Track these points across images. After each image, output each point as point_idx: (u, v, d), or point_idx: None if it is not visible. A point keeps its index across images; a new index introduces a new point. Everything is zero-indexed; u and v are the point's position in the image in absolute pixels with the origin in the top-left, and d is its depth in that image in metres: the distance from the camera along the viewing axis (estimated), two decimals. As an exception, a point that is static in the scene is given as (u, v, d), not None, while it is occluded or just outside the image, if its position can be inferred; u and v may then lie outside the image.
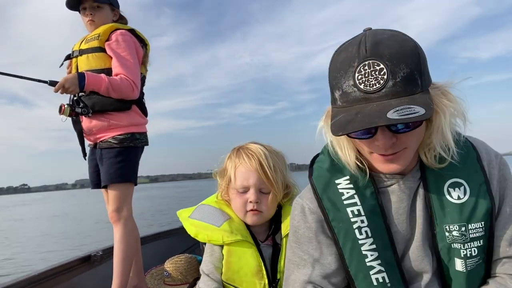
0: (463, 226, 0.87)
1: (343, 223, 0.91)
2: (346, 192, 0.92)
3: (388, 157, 0.84)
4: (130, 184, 2.06)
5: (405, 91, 0.76)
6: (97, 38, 2.02)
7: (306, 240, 0.96)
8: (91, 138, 2.09)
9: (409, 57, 0.77)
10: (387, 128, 0.80)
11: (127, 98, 2.00)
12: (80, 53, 2.06)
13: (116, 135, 2.00)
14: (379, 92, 0.76)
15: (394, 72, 0.76)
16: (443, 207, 0.89)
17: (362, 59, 0.78)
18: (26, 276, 1.88)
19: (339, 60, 0.83)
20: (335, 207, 0.92)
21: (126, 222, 2.01)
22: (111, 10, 2.16)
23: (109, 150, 2.00)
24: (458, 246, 0.88)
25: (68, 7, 2.12)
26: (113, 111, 2.00)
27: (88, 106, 1.96)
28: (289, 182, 1.28)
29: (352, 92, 0.79)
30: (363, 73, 0.77)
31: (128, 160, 2.03)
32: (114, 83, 1.92)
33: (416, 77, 0.77)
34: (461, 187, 0.89)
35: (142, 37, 2.17)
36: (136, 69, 2.04)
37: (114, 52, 1.99)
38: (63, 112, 1.94)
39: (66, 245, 9.66)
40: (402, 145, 0.82)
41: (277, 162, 1.22)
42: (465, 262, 0.88)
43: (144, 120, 2.15)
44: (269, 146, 1.27)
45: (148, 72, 2.26)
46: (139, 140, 2.08)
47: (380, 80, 0.76)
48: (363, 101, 0.78)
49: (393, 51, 0.77)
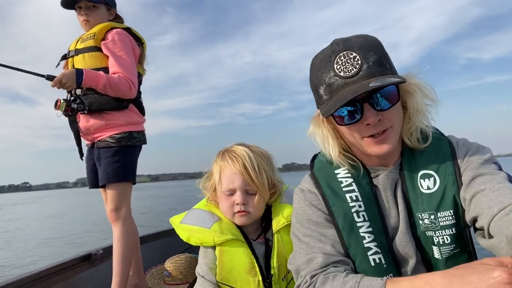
0: (432, 214, 0.94)
1: (343, 207, 0.97)
2: (344, 181, 1.01)
3: (379, 138, 0.92)
4: (128, 183, 2.05)
5: (379, 72, 0.88)
6: (93, 38, 2.01)
7: (306, 218, 1.01)
8: (88, 137, 2.08)
9: (375, 47, 0.91)
10: (372, 107, 0.89)
11: (125, 96, 1.99)
12: (76, 53, 2.05)
13: (114, 134, 1.99)
14: (357, 75, 0.88)
15: (366, 58, 0.88)
16: (416, 196, 0.96)
17: (337, 53, 0.90)
18: (27, 274, 1.89)
19: (318, 62, 0.95)
20: (335, 193, 0.99)
21: (125, 221, 2.01)
22: (107, 10, 2.15)
23: (106, 150, 1.99)
24: (431, 234, 0.95)
25: (63, 6, 2.12)
26: (110, 110, 1.99)
27: (85, 103, 1.95)
28: (276, 181, 1.29)
29: (334, 81, 0.90)
30: (340, 63, 0.89)
31: (126, 159, 2.02)
32: (111, 81, 1.91)
33: (385, 63, 0.90)
34: (431, 178, 0.96)
35: (138, 35, 2.15)
36: (133, 68, 2.03)
37: (110, 52, 1.98)
38: (59, 107, 1.93)
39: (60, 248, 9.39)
40: (388, 123, 0.91)
41: (261, 163, 1.23)
42: (439, 250, 0.94)
43: (142, 119, 2.14)
44: (254, 147, 1.28)
45: (150, 71, 2.26)
46: (137, 139, 2.07)
47: (356, 65, 0.88)
48: (346, 86, 0.89)
49: (361, 43, 0.90)
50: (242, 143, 1.29)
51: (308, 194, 1.03)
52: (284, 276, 1.21)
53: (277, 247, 1.21)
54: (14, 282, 1.77)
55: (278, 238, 1.22)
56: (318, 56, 0.96)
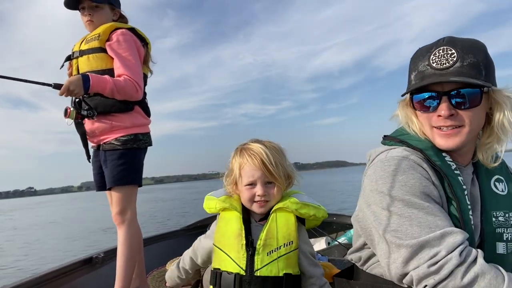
0: (507, 213, 1.02)
1: (460, 188, 0.99)
2: (452, 164, 1.02)
3: (447, 132, 0.98)
4: (134, 186, 2.04)
5: (469, 74, 0.93)
6: (97, 38, 1.98)
7: (420, 191, 0.94)
8: (94, 140, 2.07)
9: (478, 51, 0.95)
10: (449, 101, 0.95)
11: (131, 99, 1.98)
12: (80, 54, 2.03)
13: (119, 136, 1.98)
14: (447, 70, 0.94)
15: (463, 58, 0.94)
16: (492, 196, 1.04)
17: (439, 46, 0.97)
18: (29, 278, 1.88)
19: (419, 51, 1.02)
20: (452, 174, 1.00)
21: (130, 224, 2.00)
22: (111, 10, 2.12)
23: (112, 152, 1.98)
24: (502, 230, 1.00)
25: (66, 7, 2.10)
26: (116, 112, 1.97)
27: (93, 109, 1.94)
28: (290, 172, 1.39)
29: (425, 70, 0.98)
30: (438, 55, 0.96)
31: (132, 162, 2.01)
32: (118, 85, 1.90)
33: (481, 68, 0.94)
34: (502, 183, 1.07)
35: (143, 35, 2.13)
36: (138, 69, 2.01)
37: (115, 53, 1.96)
38: (69, 115, 1.91)
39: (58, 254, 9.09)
40: (461, 121, 0.96)
41: (277, 157, 1.33)
42: (506, 245, 1.00)
43: (147, 121, 2.13)
44: (268, 143, 1.37)
45: (153, 73, 2.23)
46: (142, 141, 2.06)
47: (450, 61, 0.94)
48: (433, 76, 0.96)
49: (465, 44, 0.96)
50: (257, 140, 1.38)
51: (416, 166, 0.97)
52: (270, 252, 1.25)
53: (270, 224, 1.29)
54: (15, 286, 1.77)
55: (273, 217, 1.30)
56: (422, 47, 1.02)
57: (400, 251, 0.90)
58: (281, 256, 1.24)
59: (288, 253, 1.25)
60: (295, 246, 1.26)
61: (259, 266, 1.24)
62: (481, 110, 0.97)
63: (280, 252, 1.24)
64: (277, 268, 1.23)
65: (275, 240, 1.25)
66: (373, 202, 0.98)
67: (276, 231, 1.27)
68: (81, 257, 2.32)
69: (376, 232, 0.99)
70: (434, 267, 0.84)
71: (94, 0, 2.03)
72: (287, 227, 1.28)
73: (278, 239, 1.26)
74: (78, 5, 2.08)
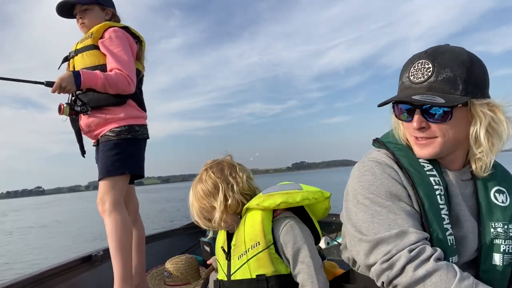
0: (505, 224, 1.03)
1: (428, 188, 1.00)
2: (426, 165, 1.04)
3: (421, 142, 1.02)
4: (121, 177, 2.00)
5: (441, 89, 0.95)
6: (91, 37, 2.04)
7: (385, 190, 1.00)
8: (92, 135, 2.09)
9: (457, 66, 0.95)
10: (421, 114, 0.98)
11: (124, 92, 1.99)
12: (76, 53, 2.08)
13: (114, 128, 2.00)
14: (421, 84, 0.98)
15: (438, 73, 0.96)
16: (491, 207, 1.04)
17: (420, 58, 1.00)
18: (27, 275, 1.88)
19: (410, 59, 1.05)
20: (420, 174, 1.02)
21: (111, 213, 1.94)
22: (102, 10, 2.16)
23: (106, 143, 2.00)
24: (499, 242, 1.02)
25: (61, 16, 2.16)
26: (109, 105, 2.00)
27: (87, 104, 1.96)
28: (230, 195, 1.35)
29: (405, 81, 1.02)
30: (416, 68, 0.99)
31: (126, 152, 2.00)
32: (109, 79, 1.92)
33: (458, 82, 0.95)
34: (503, 194, 1.07)
35: (136, 33, 2.17)
36: (130, 63, 2.03)
37: (107, 49, 2.00)
38: (63, 111, 1.94)
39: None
40: (433, 133, 0.99)
41: (199, 200, 1.35)
42: (502, 257, 1.02)
43: (142, 114, 2.13)
44: (198, 182, 1.37)
45: (158, 74, 2.45)
46: (139, 132, 2.05)
47: (425, 76, 0.97)
48: (408, 89, 1.00)
49: (444, 58, 0.97)
50: (202, 171, 1.38)
51: (386, 167, 1.03)
52: (240, 256, 1.26)
53: (239, 228, 1.30)
54: (14, 284, 1.77)
55: (242, 221, 1.30)
56: (413, 55, 1.05)
57: (361, 245, 0.98)
58: (250, 259, 1.23)
59: (256, 255, 1.22)
60: (263, 246, 1.22)
61: (233, 271, 1.27)
62: (457, 123, 0.98)
63: (248, 255, 1.24)
64: (248, 270, 1.23)
65: (243, 244, 1.25)
66: (348, 199, 1.08)
67: (243, 234, 1.26)
68: (80, 255, 2.32)
69: (345, 226, 1.08)
70: (386, 264, 0.91)
71: (82, 3, 2.09)
72: (253, 228, 1.24)
73: (245, 242, 1.25)
74: (72, 12, 2.14)
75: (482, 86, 0.99)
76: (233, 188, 1.32)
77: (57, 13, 2.14)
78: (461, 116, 0.98)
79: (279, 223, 1.24)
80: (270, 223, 1.24)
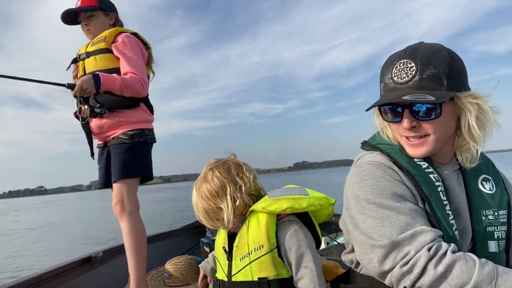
0: (496, 211, 1.05)
1: (431, 185, 1.00)
2: (423, 164, 1.04)
3: (413, 142, 1.02)
4: (136, 179, 2.10)
5: (428, 87, 0.95)
6: (104, 40, 2.09)
7: (390, 192, 0.98)
8: (101, 136, 2.13)
9: (439, 62, 0.96)
10: (411, 114, 0.98)
11: (138, 95, 2.07)
12: (87, 56, 2.12)
13: (127, 131, 2.07)
14: (407, 84, 0.97)
15: (422, 71, 0.96)
16: (480, 195, 1.07)
17: (400, 59, 0.99)
18: (27, 277, 1.88)
19: (388, 60, 1.05)
20: (420, 173, 1.02)
21: (131, 215, 2.05)
22: (105, 15, 2.20)
23: (120, 146, 2.06)
24: (493, 229, 1.04)
25: (66, 24, 2.20)
26: (123, 108, 2.07)
27: (105, 107, 2.02)
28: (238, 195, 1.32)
29: (389, 83, 1.01)
30: (398, 69, 0.99)
31: (139, 155, 2.09)
32: (126, 82, 1.99)
33: (442, 78, 0.96)
34: (489, 182, 1.10)
35: (144, 40, 2.23)
36: (143, 67, 2.12)
37: (121, 53, 2.06)
38: (83, 113, 1.99)
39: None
40: (425, 131, 0.99)
41: (206, 201, 1.30)
42: (498, 244, 1.03)
43: (151, 118, 2.22)
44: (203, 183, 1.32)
45: (160, 74, 2.34)
46: (149, 136, 2.14)
47: (409, 75, 0.97)
48: (394, 90, 0.99)
49: (426, 55, 0.97)
50: (207, 170, 1.33)
51: (386, 169, 1.02)
52: (242, 257, 1.25)
53: (242, 229, 1.28)
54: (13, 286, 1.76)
55: (246, 222, 1.29)
56: (391, 55, 1.05)
57: (375, 252, 0.93)
58: (253, 261, 1.23)
59: (259, 258, 1.22)
60: (266, 249, 1.21)
61: (235, 272, 1.27)
62: (446, 118, 0.99)
63: (250, 258, 1.23)
64: (250, 273, 1.23)
65: (246, 246, 1.24)
66: (350, 207, 1.04)
67: (247, 236, 1.26)
68: (80, 256, 2.31)
69: (353, 235, 1.03)
70: (406, 267, 0.88)
71: (86, 10, 2.14)
72: (258, 231, 1.24)
73: (248, 244, 1.24)
74: (77, 19, 2.18)
75: (463, 79, 1.00)
76: (241, 189, 1.29)
77: (62, 22, 2.18)
78: (448, 111, 0.99)
79: (283, 227, 1.25)
80: (274, 227, 1.24)
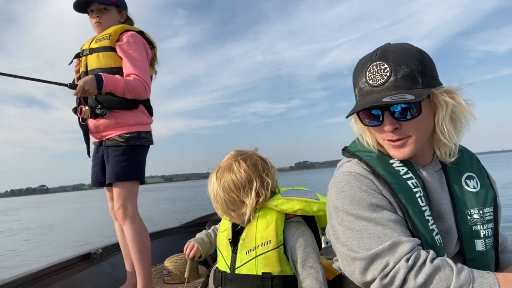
0: (481, 209, 1.04)
1: (408, 193, 1.00)
2: (401, 169, 1.04)
3: (396, 143, 1.00)
4: (135, 182, 2.09)
5: (405, 86, 0.94)
6: (108, 38, 2.05)
7: (367, 203, 0.98)
8: (97, 135, 2.11)
9: (410, 60, 0.95)
10: (392, 116, 0.97)
11: (140, 98, 2.04)
12: (90, 52, 2.08)
13: (123, 133, 2.03)
14: (383, 86, 0.96)
15: (396, 70, 0.95)
16: (463, 195, 1.06)
17: (372, 61, 0.98)
18: (26, 273, 1.87)
19: (358, 65, 1.04)
20: (397, 180, 1.01)
21: (133, 218, 2.05)
22: (118, 12, 2.18)
23: (115, 149, 2.03)
24: (479, 228, 1.03)
25: (75, 10, 2.17)
26: (121, 109, 2.03)
27: (105, 108, 2.00)
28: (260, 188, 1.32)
29: (364, 87, 0.99)
30: (372, 72, 0.98)
31: (134, 159, 2.06)
32: (129, 84, 1.96)
33: (417, 76, 0.95)
34: (473, 179, 1.09)
35: (150, 39, 2.20)
36: (147, 69, 2.08)
37: (125, 53, 2.02)
38: (84, 114, 1.98)
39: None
40: (406, 133, 0.99)
41: (228, 193, 1.29)
42: (484, 242, 1.03)
43: (150, 120, 2.18)
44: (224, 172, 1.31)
45: (162, 73, 2.33)
46: (145, 139, 2.11)
47: (384, 77, 0.96)
48: (371, 93, 0.97)
49: (397, 55, 0.96)
50: (227, 161, 1.32)
51: (362, 179, 1.02)
52: (248, 251, 1.26)
53: (251, 223, 1.29)
54: (12, 281, 1.76)
55: (256, 216, 1.29)
56: (360, 60, 1.04)
57: (355, 264, 0.94)
58: (259, 255, 1.24)
59: (265, 253, 1.23)
60: (273, 245, 1.23)
61: (239, 265, 1.27)
62: (425, 116, 0.99)
63: (257, 252, 1.24)
64: (255, 266, 1.23)
65: (254, 240, 1.25)
66: (332, 217, 1.05)
67: (255, 230, 1.27)
68: (79, 253, 2.31)
69: (335, 246, 1.04)
70: (387, 279, 0.88)
71: (102, 2, 2.10)
72: (267, 226, 1.25)
73: (256, 239, 1.25)
74: (87, 8, 2.15)
75: (435, 75, 1.00)
76: (267, 186, 1.30)
77: (73, 7, 2.14)
78: (426, 109, 0.99)
79: (291, 227, 1.27)
80: (282, 224, 1.27)
